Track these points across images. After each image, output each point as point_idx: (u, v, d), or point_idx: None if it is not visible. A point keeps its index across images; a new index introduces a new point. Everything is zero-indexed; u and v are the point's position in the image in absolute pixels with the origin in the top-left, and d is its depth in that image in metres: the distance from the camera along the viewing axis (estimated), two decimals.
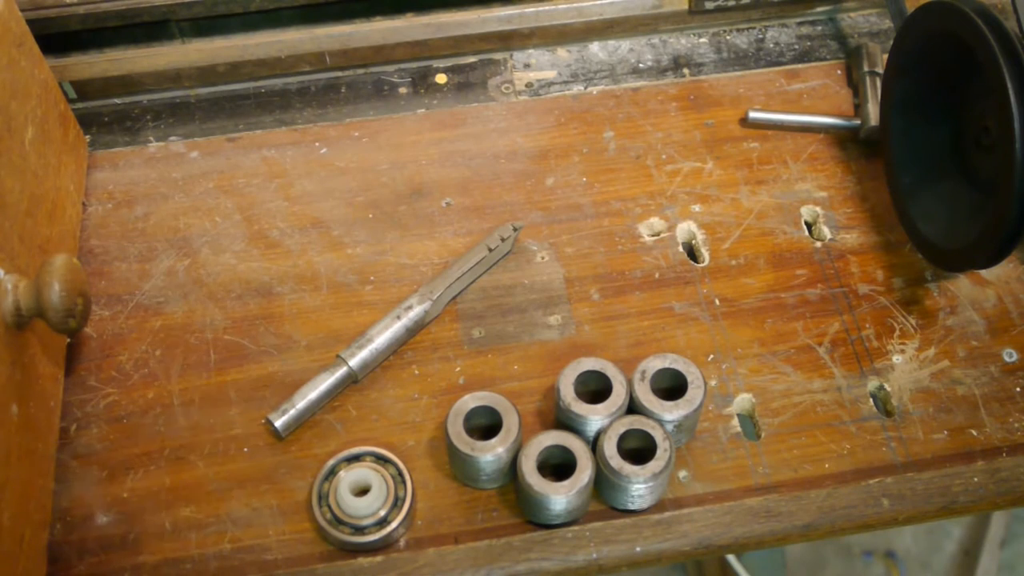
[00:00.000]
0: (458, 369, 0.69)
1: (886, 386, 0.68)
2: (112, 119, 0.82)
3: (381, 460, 0.63)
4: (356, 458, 0.63)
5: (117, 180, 0.78)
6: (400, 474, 0.63)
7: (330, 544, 0.61)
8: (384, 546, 0.61)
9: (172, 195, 0.77)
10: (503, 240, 0.72)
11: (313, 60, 0.83)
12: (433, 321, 0.70)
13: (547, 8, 0.84)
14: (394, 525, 0.60)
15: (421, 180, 0.78)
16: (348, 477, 0.61)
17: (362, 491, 0.61)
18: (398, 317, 0.68)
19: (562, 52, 0.86)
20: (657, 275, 0.73)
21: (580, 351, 0.69)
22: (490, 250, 0.71)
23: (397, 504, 0.61)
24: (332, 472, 0.63)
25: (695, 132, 0.80)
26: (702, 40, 0.87)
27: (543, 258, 0.74)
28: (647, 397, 0.62)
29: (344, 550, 0.61)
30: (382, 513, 0.61)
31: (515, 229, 0.72)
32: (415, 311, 0.68)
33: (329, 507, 0.61)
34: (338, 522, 0.61)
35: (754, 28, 0.87)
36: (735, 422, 0.66)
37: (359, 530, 0.60)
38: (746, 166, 0.78)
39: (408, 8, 0.84)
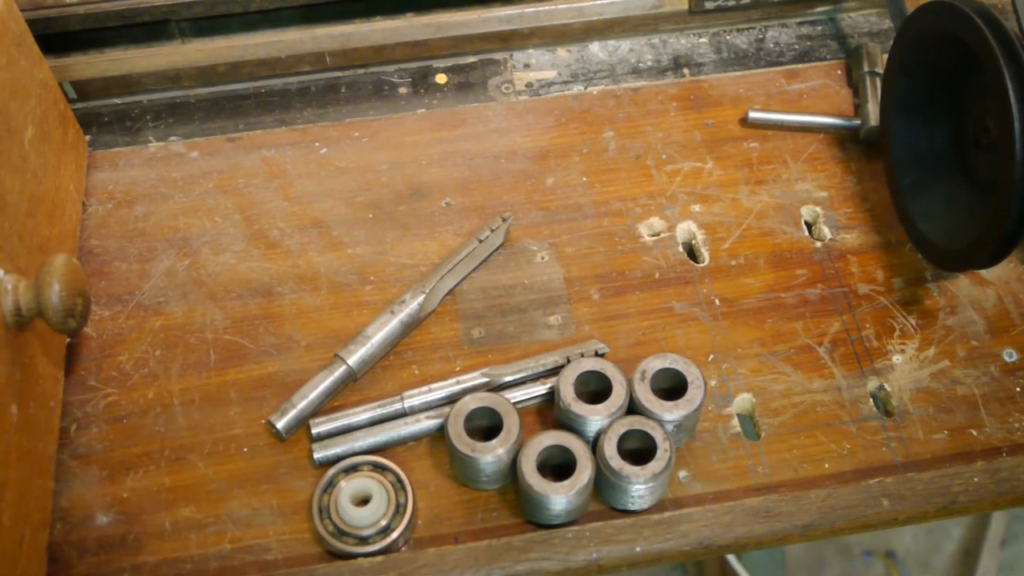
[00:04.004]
0: (458, 369, 0.69)
1: (886, 386, 0.68)
2: (112, 119, 0.82)
3: (379, 468, 0.63)
4: (354, 468, 0.63)
5: (117, 180, 0.78)
6: (399, 480, 0.62)
7: (334, 556, 0.61)
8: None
9: (172, 195, 0.77)
10: (492, 231, 0.72)
11: (313, 60, 0.83)
12: (431, 317, 0.71)
13: (547, 8, 0.84)
14: (396, 534, 0.60)
15: (421, 180, 0.78)
16: (348, 488, 0.61)
17: (362, 500, 0.61)
18: (392, 312, 0.68)
19: (562, 52, 0.86)
20: (657, 275, 0.73)
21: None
22: (480, 241, 0.71)
23: (399, 511, 0.61)
24: (331, 483, 0.62)
25: (695, 132, 0.80)
26: (702, 40, 0.87)
27: (543, 258, 0.74)
28: (647, 397, 0.62)
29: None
30: (383, 523, 0.60)
31: (504, 220, 0.73)
32: (409, 305, 0.68)
33: (331, 519, 0.61)
34: (341, 533, 0.60)
35: (754, 28, 0.87)
36: (735, 422, 0.66)
37: (362, 540, 0.60)
38: (746, 166, 0.78)
39: (408, 8, 0.84)
